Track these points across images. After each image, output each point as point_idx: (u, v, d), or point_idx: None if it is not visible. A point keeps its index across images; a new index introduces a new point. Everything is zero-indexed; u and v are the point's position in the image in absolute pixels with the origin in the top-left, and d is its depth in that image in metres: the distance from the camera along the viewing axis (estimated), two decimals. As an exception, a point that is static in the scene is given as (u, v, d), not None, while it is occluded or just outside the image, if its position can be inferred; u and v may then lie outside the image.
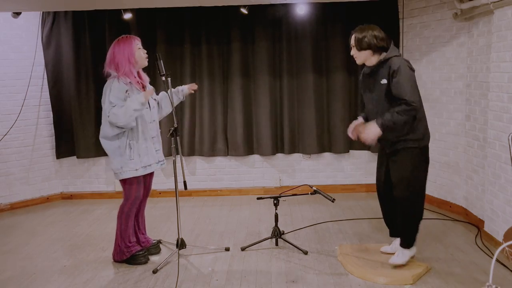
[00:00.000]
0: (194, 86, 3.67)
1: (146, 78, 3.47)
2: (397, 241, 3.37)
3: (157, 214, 4.77)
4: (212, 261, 3.54)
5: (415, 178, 3.10)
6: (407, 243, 3.19)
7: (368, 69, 3.14)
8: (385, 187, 3.31)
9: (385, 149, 3.20)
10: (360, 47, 3.04)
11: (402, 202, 3.11)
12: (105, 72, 3.34)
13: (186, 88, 3.65)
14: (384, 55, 3.03)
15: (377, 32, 3.03)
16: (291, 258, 3.55)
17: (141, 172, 3.35)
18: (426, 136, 3.09)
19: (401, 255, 3.20)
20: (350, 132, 3.27)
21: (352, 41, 3.10)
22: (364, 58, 3.09)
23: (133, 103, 3.18)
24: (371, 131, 2.97)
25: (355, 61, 3.15)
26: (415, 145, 3.03)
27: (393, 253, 3.34)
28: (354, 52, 3.11)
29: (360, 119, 3.33)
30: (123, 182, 3.37)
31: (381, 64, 3.03)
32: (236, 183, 5.49)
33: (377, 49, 3.02)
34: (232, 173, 5.47)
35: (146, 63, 3.40)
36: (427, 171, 3.17)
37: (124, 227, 3.43)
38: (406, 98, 2.86)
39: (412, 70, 2.99)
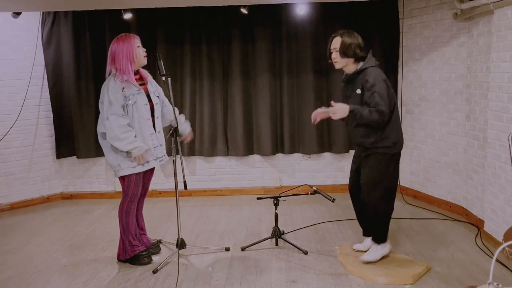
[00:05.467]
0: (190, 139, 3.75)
1: (146, 76, 3.47)
2: (369, 239, 3.48)
3: (157, 214, 4.77)
4: (212, 261, 3.54)
5: (381, 182, 3.14)
6: (378, 239, 3.27)
7: (345, 77, 3.21)
8: (356, 188, 3.38)
9: (359, 152, 3.29)
10: (345, 54, 3.07)
11: (367, 203, 3.19)
12: (107, 72, 3.35)
13: (187, 131, 3.68)
14: (361, 64, 3.09)
15: (360, 40, 3.09)
16: (291, 258, 3.55)
17: (139, 169, 3.35)
18: (397, 144, 3.13)
19: (373, 252, 3.27)
20: (313, 115, 3.27)
21: (336, 45, 3.10)
22: (345, 64, 3.13)
23: (130, 144, 3.22)
24: (341, 108, 3.01)
25: (334, 64, 3.17)
26: (384, 151, 3.10)
27: (365, 251, 3.46)
28: (336, 56, 3.13)
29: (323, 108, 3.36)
30: (122, 178, 3.38)
31: (357, 73, 3.09)
32: (236, 183, 5.49)
33: (358, 59, 3.09)
34: (232, 173, 5.47)
35: (145, 62, 3.40)
36: (396, 177, 3.23)
37: (126, 224, 3.43)
38: (381, 108, 2.93)
39: (386, 82, 3.03)
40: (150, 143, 3.39)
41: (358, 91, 3.06)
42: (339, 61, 3.13)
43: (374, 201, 3.16)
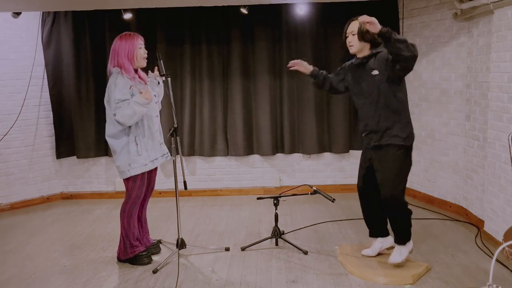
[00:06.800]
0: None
1: (145, 77, 3.46)
2: (377, 242, 3.42)
3: (157, 214, 4.77)
4: (212, 261, 3.54)
5: (402, 174, 3.09)
6: (403, 240, 3.19)
7: (357, 60, 3.13)
8: (366, 186, 3.31)
9: (370, 143, 3.15)
10: (363, 37, 3.02)
11: (392, 198, 3.08)
12: (108, 71, 3.33)
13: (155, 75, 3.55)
14: (377, 49, 3.04)
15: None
16: (291, 258, 3.55)
17: (150, 167, 3.36)
18: (410, 136, 3.08)
19: (399, 252, 3.19)
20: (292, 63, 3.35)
21: (354, 29, 3.05)
22: (360, 48, 3.07)
23: (140, 106, 3.17)
24: (374, 20, 2.82)
25: (349, 48, 3.11)
26: (400, 142, 3.02)
27: (374, 256, 3.40)
28: (352, 39, 3.06)
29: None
30: (127, 180, 3.37)
31: (371, 56, 3.05)
32: (236, 183, 5.49)
33: (374, 44, 3.03)
34: (232, 173, 5.47)
35: (144, 64, 3.38)
36: (408, 172, 3.17)
37: (127, 225, 3.42)
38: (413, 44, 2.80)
39: None
40: (157, 140, 3.44)
41: (375, 72, 2.98)
42: (355, 45, 3.06)
43: (399, 195, 3.07)
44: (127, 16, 4.88)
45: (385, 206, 3.14)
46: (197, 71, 5.23)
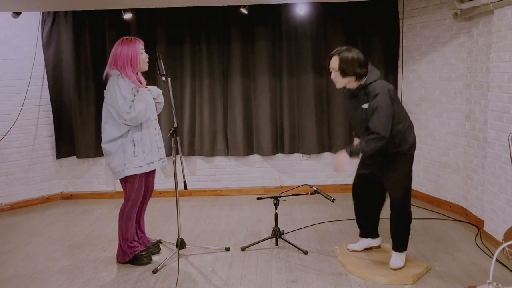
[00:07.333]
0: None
1: (143, 81, 3.47)
2: (365, 240, 3.50)
3: (157, 214, 4.77)
4: (212, 261, 3.54)
5: (409, 182, 3.15)
6: (402, 247, 3.22)
7: (349, 92, 3.16)
8: (364, 189, 3.35)
9: (374, 158, 3.20)
10: (345, 73, 2.99)
11: (397, 205, 3.13)
12: (105, 74, 3.33)
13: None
14: (364, 79, 3.02)
15: (360, 56, 2.99)
16: (291, 258, 3.55)
17: (145, 169, 3.35)
18: (414, 145, 3.15)
19: (399, 258, 3.22)
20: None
21: (335, 65, 3.03)
22: (346, 83, 3.07)
23: (148, 101, 3.27)
24: (341, 160, 3.06)
25: (335, 84, 3.13)
26: (406, 152, 3.10)
27: (360, 251, 3.50)
28: (335, 76, 3.06)
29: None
30: (124, 182, 3.36)
31: (361, 88, 3.04)
32: (236, 183, 5.49)
33: (359, 76, 3.01)
34: (232, 173, 5.47)
35: (146, 68, 3.39)
36: (410, 179, 3.22)
37: (125, 228, 3.42)
38: (378, 131, 2.89)
39: (390, 95, 2.95)
40: (155, 143, 3.43)
41: (365, 105, 3.00)
42: (339, 81, 3.06)
43: (405, 203, 3.12)
44: (127, 16, 4.88)
45: (392, 209, 3.17)
46: (197, 71, 5.23)
